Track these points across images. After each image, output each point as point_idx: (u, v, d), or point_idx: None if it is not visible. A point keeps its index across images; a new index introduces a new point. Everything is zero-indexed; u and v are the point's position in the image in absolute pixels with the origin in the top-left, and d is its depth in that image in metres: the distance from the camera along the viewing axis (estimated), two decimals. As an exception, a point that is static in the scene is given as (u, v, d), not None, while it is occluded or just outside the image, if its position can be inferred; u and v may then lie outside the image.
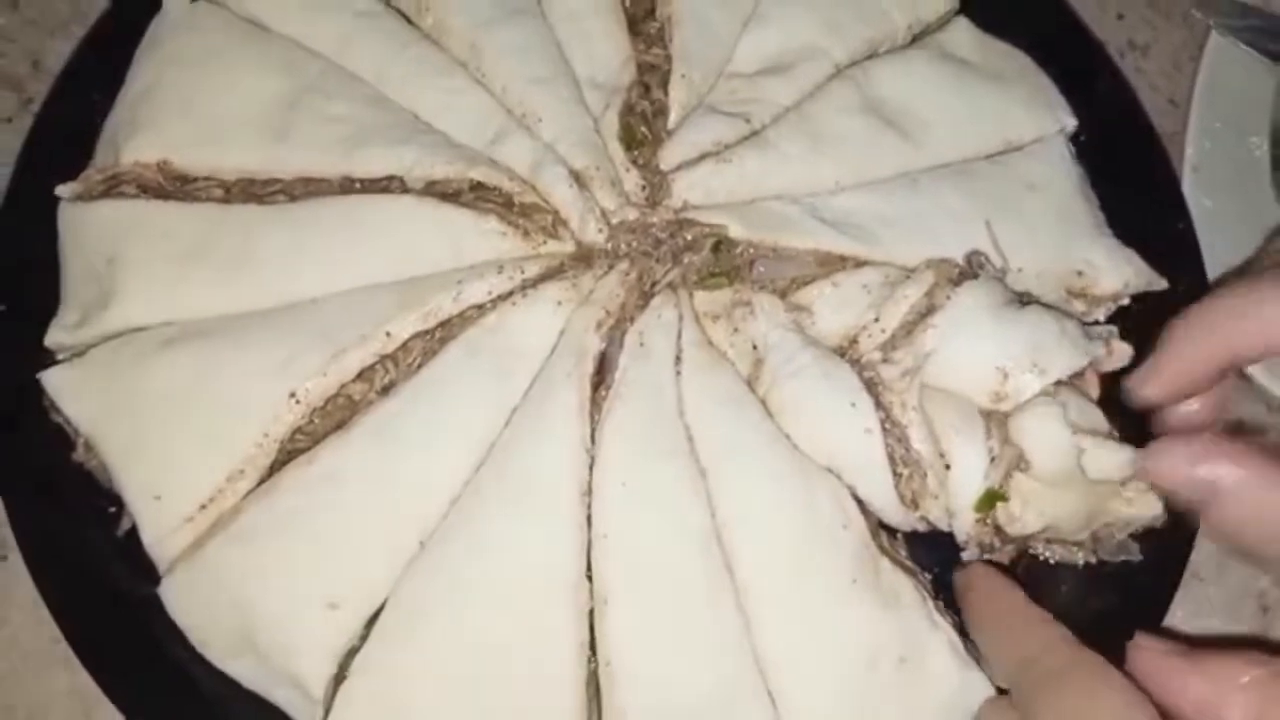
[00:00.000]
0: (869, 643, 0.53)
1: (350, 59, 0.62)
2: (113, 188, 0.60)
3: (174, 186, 0.60)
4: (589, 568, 0.53)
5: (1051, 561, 0.58)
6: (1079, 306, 0.62)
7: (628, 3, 0.67)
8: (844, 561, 0.54)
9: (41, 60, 0.71)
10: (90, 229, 0.59)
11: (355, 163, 0.59)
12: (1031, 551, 0.58)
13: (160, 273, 0.57)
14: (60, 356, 0.58)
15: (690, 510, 0.54)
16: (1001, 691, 0.54)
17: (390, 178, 0.59)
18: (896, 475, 0.55)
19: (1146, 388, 0.56)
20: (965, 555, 0.57)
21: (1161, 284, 0.62)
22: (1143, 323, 0.60)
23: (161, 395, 0.55)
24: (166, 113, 0.61)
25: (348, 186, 0.60)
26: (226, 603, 0.53)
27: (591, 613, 0.53)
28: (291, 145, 0.60)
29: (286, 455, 0.56)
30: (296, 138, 0.60)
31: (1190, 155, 0.72)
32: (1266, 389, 0.66)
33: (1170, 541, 0.57)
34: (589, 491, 0.54)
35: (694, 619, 0.53)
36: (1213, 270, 0.65)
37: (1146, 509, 0.55)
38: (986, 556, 0.57)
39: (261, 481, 0.55)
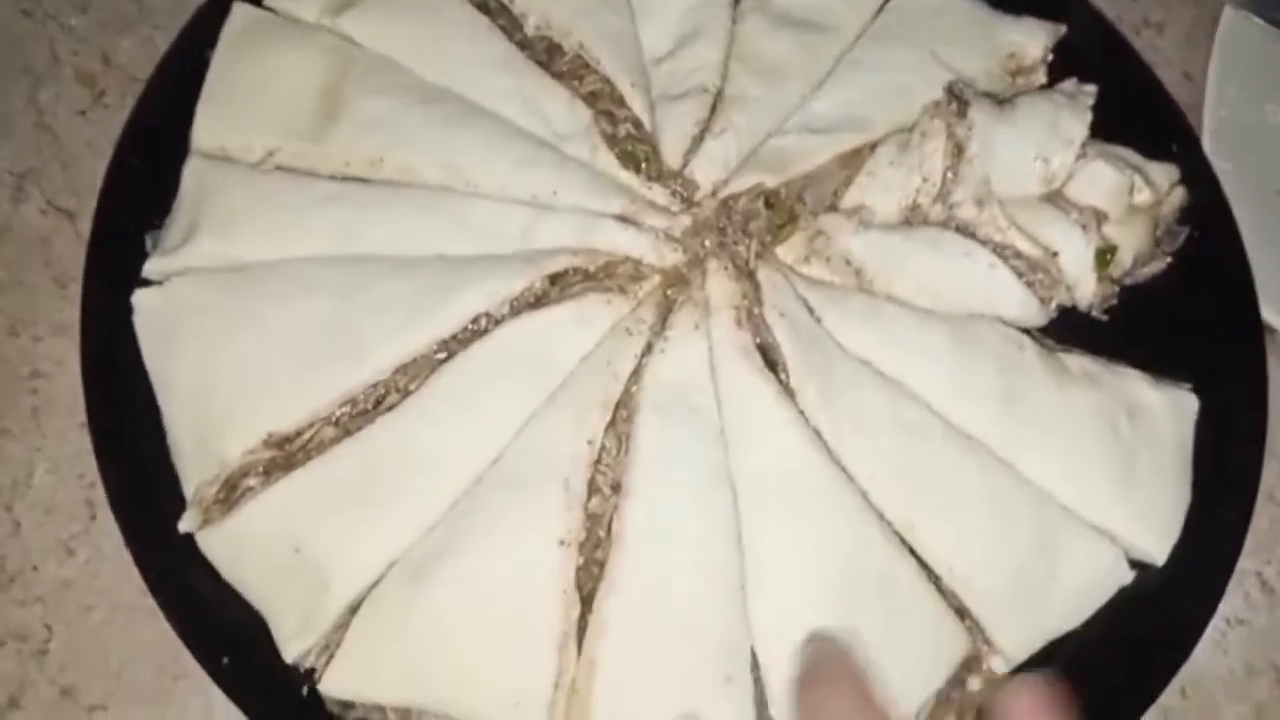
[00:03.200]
0: (1101, 413, 0.59)
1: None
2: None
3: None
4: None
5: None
6: (1020, 81, 0.70)
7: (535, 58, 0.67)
8: (1041, 368, 0.60)
9: (112, 57, 0.75)
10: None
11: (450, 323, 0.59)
12: (1128, 283, 0.66)
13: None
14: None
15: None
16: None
17: (478, 318, 0.59)
18: (1029, 285, 0.62)
19: None
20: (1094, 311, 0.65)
21: (1061, 28, 0.70)
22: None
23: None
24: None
25: (441, 349, 0.59)
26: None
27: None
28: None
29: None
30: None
31: (1208, 123, 0.76)
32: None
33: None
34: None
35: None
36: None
37: (1178, 197, 0.66)
38: (1100, 309, 0.65)
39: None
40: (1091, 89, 0.67)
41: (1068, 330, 0.64)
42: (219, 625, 0.56)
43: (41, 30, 0.75)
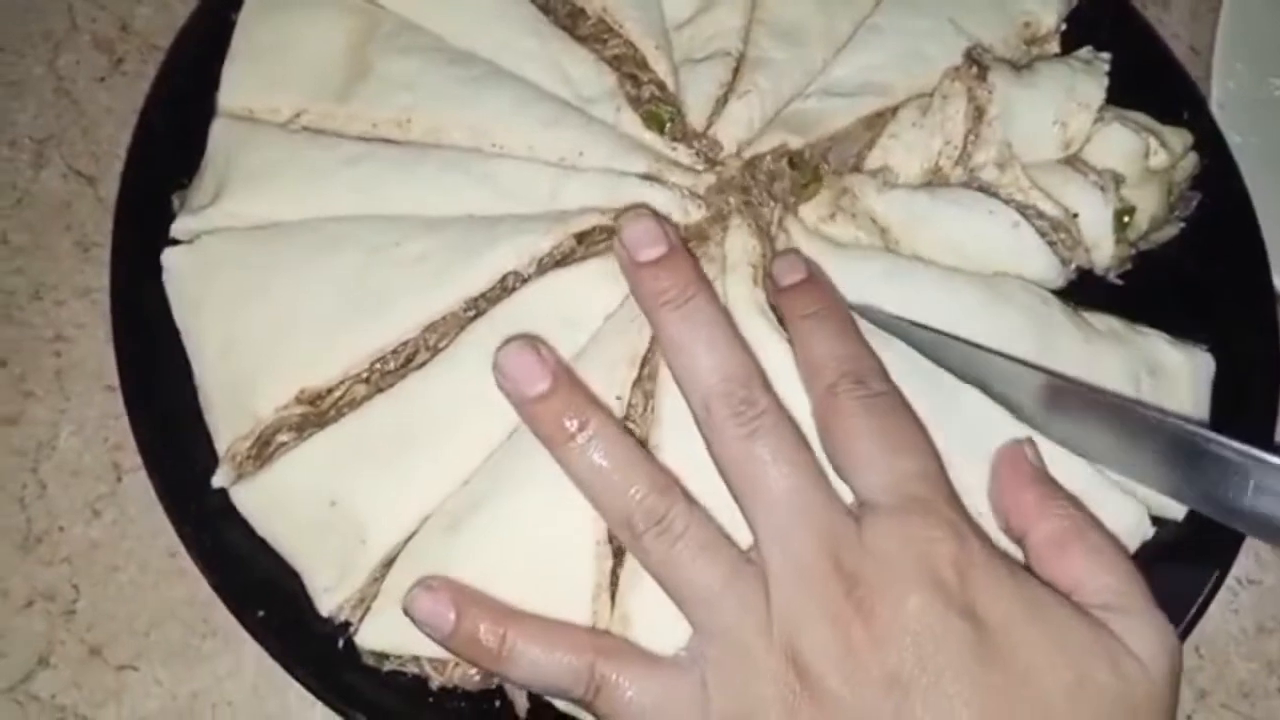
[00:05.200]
0: (1125, 368, 0.60)
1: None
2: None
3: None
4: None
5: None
6: (1034, 50, 0.71)
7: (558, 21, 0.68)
8: (1069, 322, 0.61)
9: (130, 24, 0.76)
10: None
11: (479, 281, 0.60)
12: (1143, 248, 0.67)
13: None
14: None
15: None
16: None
17: (506, 276, 0.59)
18: (1050, 244, 0.63)
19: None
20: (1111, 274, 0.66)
21: None
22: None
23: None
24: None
25: (470, 308, 0.60)
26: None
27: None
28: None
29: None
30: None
31: (1216, 95, 0.78)
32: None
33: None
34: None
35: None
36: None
37: (1190, 162, 0.68)
38: (1116, 272, 0.66)
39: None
40: (1106, 56, 0.68)
41: (1083, 294, 0.65)
42: (252, 580, 0.56)
43: (61, -5, 0.76)
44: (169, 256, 0.60)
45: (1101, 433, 0.55)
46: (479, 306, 0.59)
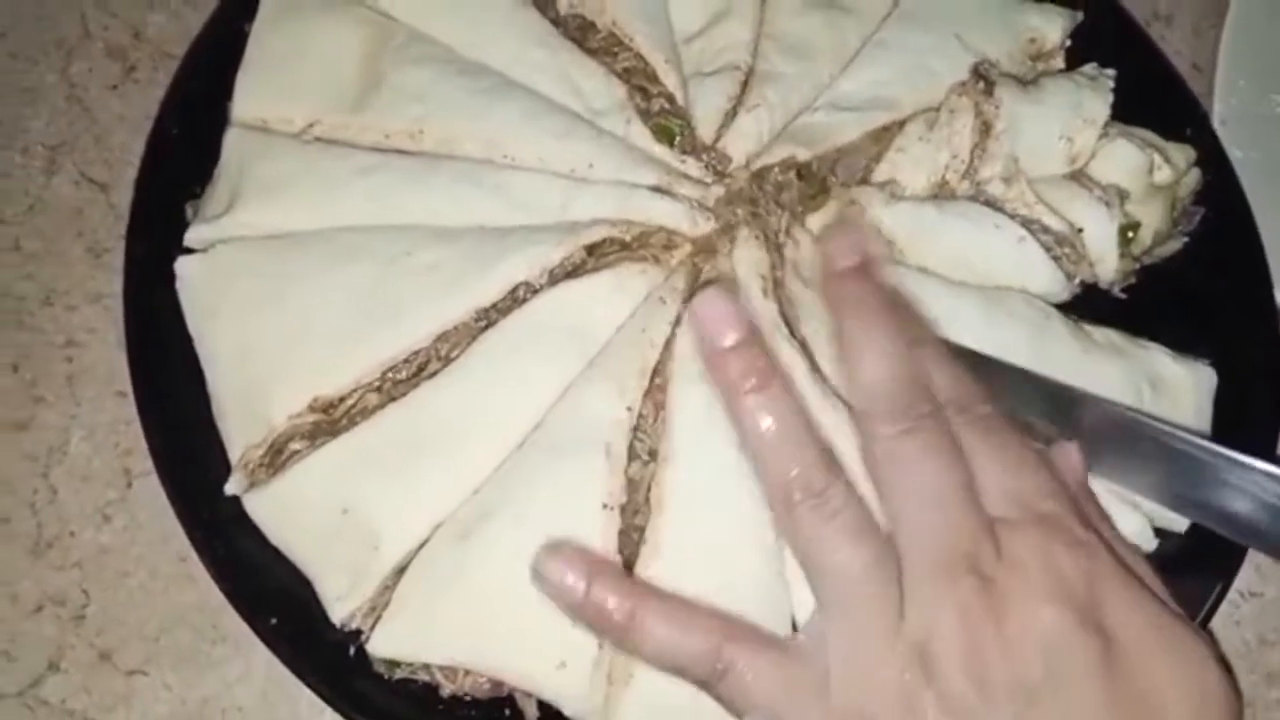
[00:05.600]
0: (1127, 381, 0.61)
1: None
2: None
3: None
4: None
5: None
6: (1039, 66, 0.72)
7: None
8: (1069, 336, 0.62)
9: (142, 31, 0.76)
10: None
11: (491, 292, 0.60)
12: (1146, 263, 0.68)
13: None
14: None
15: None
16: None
17: (517, 287, 0.60)
18: (1055, 259, 0.63)
19: None
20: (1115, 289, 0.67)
21: (1079, 15, 0.73)
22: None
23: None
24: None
25: (481, 318, 0.60)
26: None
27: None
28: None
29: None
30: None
31: (1218, 111, 0.79)
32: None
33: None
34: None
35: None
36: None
37: (1193, 178, 0.68)
38: (1120, 287, 0.67)
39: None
40: (1111, 72, 0.69)
41: (1087, 307, 0.66)
42: (265, 587, 0.56)
43: (73, 4, 0.76)
44: (183, 265, 0.60)
45: (1104, 445, 0.55)
46: (490, 317, 0.60)
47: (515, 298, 0.60)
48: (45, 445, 0.66)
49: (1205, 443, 0.51)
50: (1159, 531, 0.59)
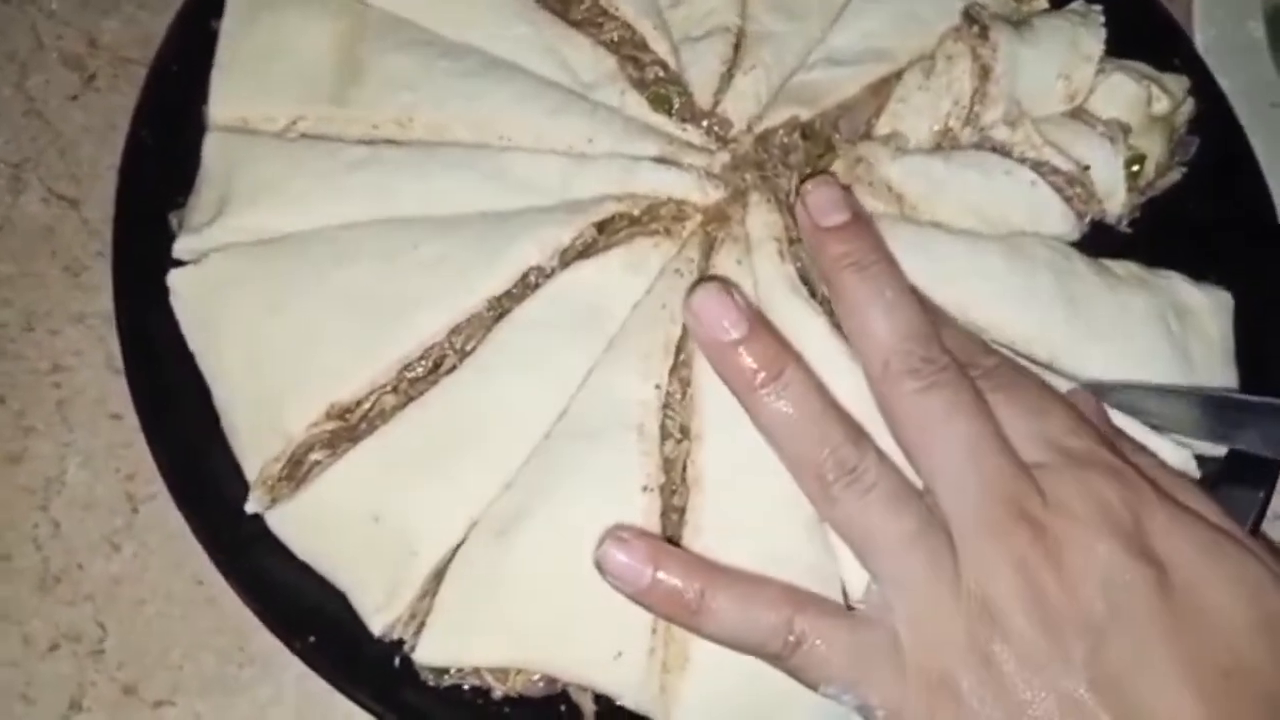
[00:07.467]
0: (1153, 311, 0.60)
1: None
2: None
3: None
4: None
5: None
6: (1024, 8, 0.71)
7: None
8: (1092, 273, 0.61)
9: (97, 39, 0.73)
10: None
11: (502, 279, 0.58)
12: (1148, 195, 0.67)
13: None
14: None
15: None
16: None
17: (528, 272, 0.58)
18: (1066, 199, 0.63)
19: None
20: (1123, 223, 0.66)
21: None
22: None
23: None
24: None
25: (494, 307, 0.58)
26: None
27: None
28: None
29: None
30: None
31: (1200, 41, 0.78)
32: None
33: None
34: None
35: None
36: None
37: (1188, 106, 0.68)
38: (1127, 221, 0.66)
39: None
40: (1098, 7, 0.68)
41: (1095, 245, 0.65)
42: (298, 606, 0.54)
43: (21, 15, 0.72)
44: (176, 278, 0.58)
45: (1148, 402, 0.57)
46: (503, 305, 0.58)
47: (527, 283, 0.58)
48: (42, 477, 0.63)
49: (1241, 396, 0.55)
50: (1198, 458, 0.59)
